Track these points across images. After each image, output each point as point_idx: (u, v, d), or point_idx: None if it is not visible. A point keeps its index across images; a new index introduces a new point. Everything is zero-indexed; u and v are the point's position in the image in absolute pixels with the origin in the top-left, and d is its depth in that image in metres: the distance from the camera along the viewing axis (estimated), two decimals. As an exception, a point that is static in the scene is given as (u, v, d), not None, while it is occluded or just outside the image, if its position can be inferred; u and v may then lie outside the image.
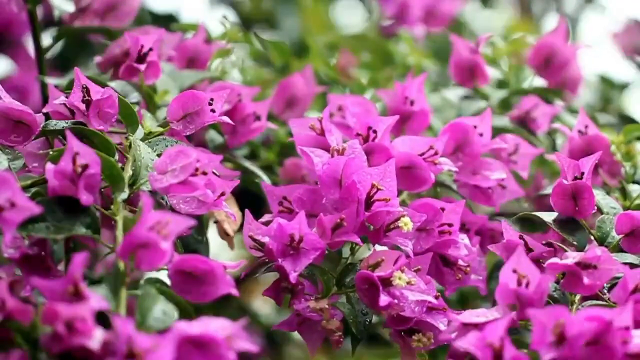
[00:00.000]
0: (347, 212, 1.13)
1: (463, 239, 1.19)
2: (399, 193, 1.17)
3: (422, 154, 1.23)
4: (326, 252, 1.14)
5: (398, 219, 1.14)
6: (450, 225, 1.18)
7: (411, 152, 1.23)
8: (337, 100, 1.37)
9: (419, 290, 1.11)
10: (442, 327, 1.12)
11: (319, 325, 1.13)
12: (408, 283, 1.10)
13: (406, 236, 1.15)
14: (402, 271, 1.10)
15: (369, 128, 1.23)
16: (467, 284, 1.24)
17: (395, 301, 1.10)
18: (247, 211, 1.17)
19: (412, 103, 1.36)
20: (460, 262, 1.20)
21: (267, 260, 1.15)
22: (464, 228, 1.28)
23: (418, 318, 1.12)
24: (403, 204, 1.21)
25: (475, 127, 1.30)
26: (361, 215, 1.14)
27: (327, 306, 1.12)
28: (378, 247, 1.16)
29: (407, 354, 1.15)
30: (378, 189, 1.13)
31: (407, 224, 1.14)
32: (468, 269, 1.20)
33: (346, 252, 1.19)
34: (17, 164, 1.16)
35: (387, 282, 1.10)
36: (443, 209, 1.18)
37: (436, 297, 1.12)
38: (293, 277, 1.10)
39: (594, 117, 1.55)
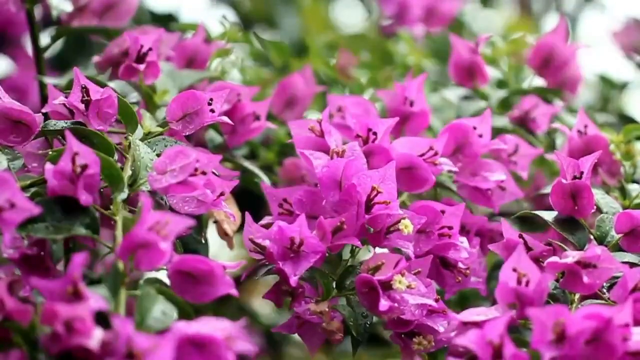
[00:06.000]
0: (347, 215, 1.13)
1: (463, 241, 1.19)
2: (399, 194, 1.17)
3: (422, 154, 1.23)
4: (326, 254, 1.14)
5: (398, 221, 1.14)
6: (450, 227, 1.18)
7: (411, 153, 1.23)
8: (337, 101, 1.37)
9: (419, 294, 1.11)
10: (442, 329, 1.12)
11: (319, 327, 1.13)
12: (408, 287, 1.10)
13: (407, 239, 1.14)
14: (403, 275, 1.10)
15: (369, 130, 1.23)
16: (467, 286, 1.24)
17: (396, 305, 1.10)
18: (247, 214, 1.16)
19: (411, 103, 1.36)
20: (460, 265, 1.20)
21: (267, 263, 1.15)
22: (463, 229, 1.28)
23: (418, 321, 1.12)
24: (403, 205, 1.21)
25: (474, 128, 1.30)
26: (361, 218, 1.14)
27: (327, 309, 1.12)
28: (378, 250, 1.16)
29: (407, 356, 1.15)
30: (378, 192, 1.13)
31: (407, 226, 1.13)
32: (468, 271, 1.20)
33: (346, 254, 1.19)
34: (17, 164, 1.15)
35: (387, 285, 1.10)
36: (443, 212, 1.18)
37: (436, 300, 1.12)
38: (293, 280, 1.10)
39: (593, 117, 1.55)
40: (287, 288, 1.13)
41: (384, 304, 1.09)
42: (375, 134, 1.23)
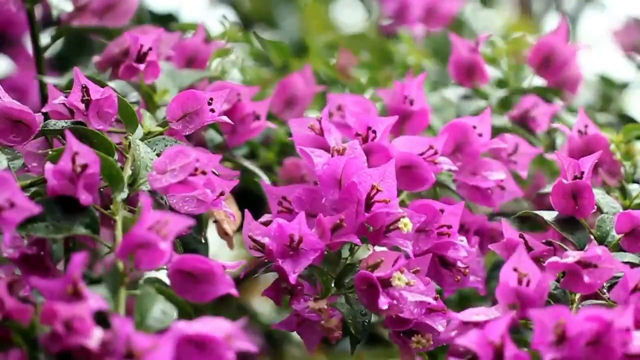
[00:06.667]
0: (346, 213, 1.13)
1: (462, 240, 1.19)
2: (399, 193, 1.17)
3: (422, 153, 1.23)
4: (325, 252, 1.14)
5: (398, 220, 1.14)
6: (449, 227, 1.18)
7: (411, 152, 1.23)
8: (337, 99, 1.37)
9: (418, 292, 1.11)
10: (440, 328, 1.12)
11: (317, 325, 1.13)
12: (407, 284, 1.10)
13: (406, 237, 1.14)
14: (402, 272, 1.10)
15: (369, 128, 1.23)
16: (466, 286, 1.24)
17: (395, 302, 1.10)
18: (246, 211, 1.16)
19: (411, 102, 1.36)
20: (459, 264, 1.20)
21: (266, 260, 1.15)
22: (463, 228, 1.28)
23: (417, 319, 1.12)
24: (402, 204, 1.21)
25: (474, 127, 1.30)
26: (361, 216, 1.14)
27: (326, 306, 1.12)
28: (377, 248, 1.16)
29: (406, 355, 1.15)
30: (378, 190, 1.13)
31: (406, 225, 1.13)
32: (467, 270, 1.20)
33: (345, 252, 1.19)
34: (17, 163, 1.15)
35: (386, 282, 1.10)
36: (442, 211, 1.18)
37: (435, 299, 1.12)
38: (292, 278, 1.10)
39: (593, 116, 1.55)
40: (286, 285, 1.13)
41: (383, 301, 1.09)
42: (374, 132, 1.23)
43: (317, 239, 1.11)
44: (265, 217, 1.20)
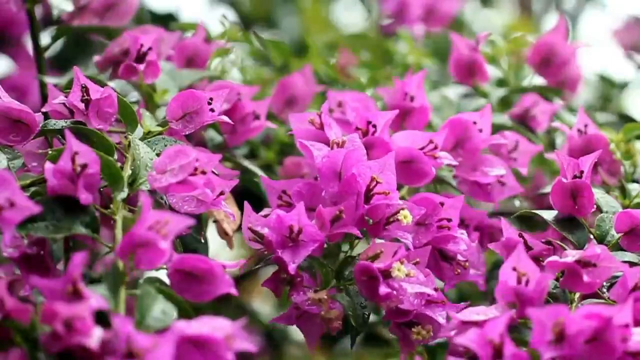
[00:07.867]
0: (346, 205, 1.13)
1: (462, 234, 1.19)
2: (399, 188, 1.17)
3: (422, 147, 1.23)
4: (325, 245, 1.14)
5: (397, 212, 1.14)
6: (449, 220, 1.18)
7: (411, 146, 1.23)
8: (337, 96, 1.37)
9: (418, 282, 1.11)
10: (441, 320, 1.12)
11: (317, 318, 1.13)
12: (407, 275, 1.10)
13: (405, 229, 1.15)
14: (402, 263, 1.10)
15: (369, 122, 1.23)
16: (466, 279, 1.23)
17: (394, 292, 1.10)
18: (246, 204, 1.16)
19: (411, 99, 1.36)
20: (459, 257, 1.20)
21: (266, 252, 1.15)
22: (463, 223, 1.28)
23: (417, 311, 1.12)
24: (402, 199, 1.21)
25: (474, 123, 1.30)
26: (360, 208, 1.14)
27: (326, 297, 1.12)
28: (377, 241, 1.16)
29: (406, 347, 1.15)
30: (377, 182, 1.13)
31: (406, 217, 1.14)
32: (467, 264, 1.20)
33: (345, 246, 1.19)
34: (16, 163, 1.16)
35: (386, 273, 1.10)
36: (442, 204, 1.18)
37: (435, 290, 1.12)
38: (292, 268, 1.10)
39: (593, 116, 1.55)
40: (286, 276, 1.13)
41: (383, 290, 1.09)
42: (374, 126, 1.23)
43: (317, 230, 1.11)
44: (265, 211, 1.20)
